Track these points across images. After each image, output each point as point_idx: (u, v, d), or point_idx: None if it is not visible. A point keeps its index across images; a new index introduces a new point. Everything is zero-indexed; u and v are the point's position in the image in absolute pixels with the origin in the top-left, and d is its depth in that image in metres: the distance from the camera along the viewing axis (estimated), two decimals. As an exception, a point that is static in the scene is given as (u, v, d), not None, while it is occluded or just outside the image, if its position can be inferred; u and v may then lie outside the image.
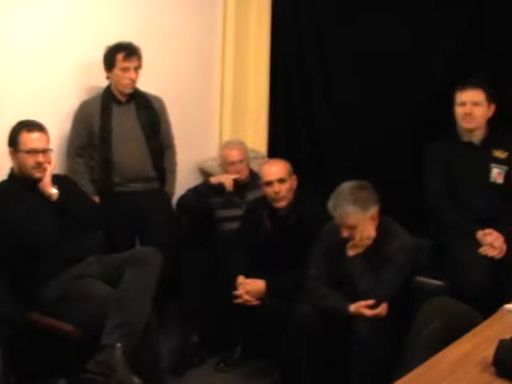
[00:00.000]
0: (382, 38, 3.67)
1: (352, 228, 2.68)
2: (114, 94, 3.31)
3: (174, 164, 3.59)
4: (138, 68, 3.27)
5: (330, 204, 2.71)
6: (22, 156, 2.77)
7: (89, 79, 3.43)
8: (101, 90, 3.34)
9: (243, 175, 3.58)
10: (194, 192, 3.59)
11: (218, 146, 4.02)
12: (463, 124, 3.03)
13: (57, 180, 2.88)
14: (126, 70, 3.23)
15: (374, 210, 2.71)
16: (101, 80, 3.31)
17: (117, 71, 3.24)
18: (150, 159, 3.38)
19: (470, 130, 3.03)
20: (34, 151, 2.77)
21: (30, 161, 2.77)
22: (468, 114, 2.99)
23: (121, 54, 3.21)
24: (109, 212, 3.20)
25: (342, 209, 2.65)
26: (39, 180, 2.81)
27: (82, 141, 3.30)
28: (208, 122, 4.23)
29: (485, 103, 2.99)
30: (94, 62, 3.32)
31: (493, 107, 3.02)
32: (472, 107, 2.99)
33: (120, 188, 3.33)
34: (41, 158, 2.78)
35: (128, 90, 3.30)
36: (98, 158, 3.31)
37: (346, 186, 2.72)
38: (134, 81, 3.28)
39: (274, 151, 4.15)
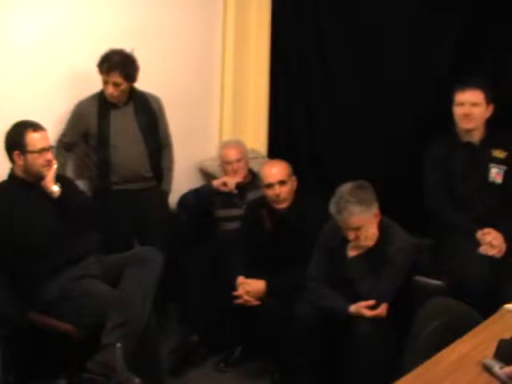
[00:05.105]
0: (382, 37, 3.67)
1: (357, 229, 2.67)
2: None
3: (171, 162, 3.59)
4: (119, 85, 3.19)
5: (333, 209, 2.69)
6: (32, 157, 2.75)
7: (88, 79, 3.40)
8: (98, 91, 3.33)
9: (241, 174, 3.58)
10: (195, 193, 3.60)
11: (218, 146, 4.02)
12: (462, 124, 3.03)
13: (57, 178, 2.87)
14: (105, 82, 3.20)
15: (375, 208, 2.72)
16: (99, 81, 3.27)
17: (102, 79, 3.22)
18: (147, 160, 3.38)
19: (469, 131, 3.04)
20: (44, 150, 2.78)
21: (40, 160, 2.77)
22: (467, 115, 2.99)
23: (104, 65, 3.17)
24: (107, 211, 3.19)
25: (346, 211, 2.64)
26: (42, 178, 2.81)
27: (72, 136, 3.30)
28: (208, 121, 4.23)
29: (483, 104, 2.99)
30: (94, 62, 3.31)
31: (491, 107, 3.02)
32: (471, 108, 2.99)
33: (117, 186, 3.32)
34: (49, 155, 2.80)
35: (110, 100, 3.25)
36: (95, 159, 3.31)
37: (345, 188, 2.71)
38: (112, 96, 3.22)
39: (273, 151, 4.16)
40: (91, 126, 3.26)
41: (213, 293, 3.24)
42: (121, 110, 3.32)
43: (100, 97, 3.29)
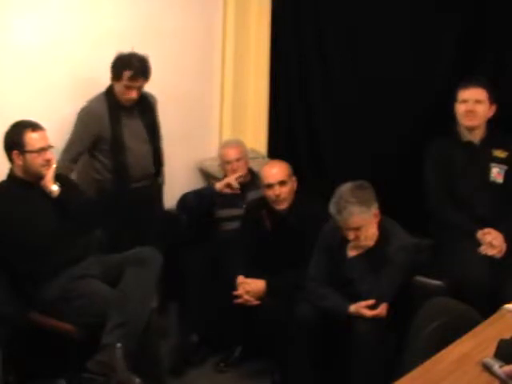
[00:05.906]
0: (382, 37, 3.67)
1: (357, 229, 2.67)
2: (119, 100, 3.26)
3: (163, 156, 3.55)
4: (141, 87, 3.22)
5: (333, 209, 2.69)
6: (31, 156, 2.76)
7: (89, 80, 3.41)
8: (100, 91, 3.31)
9: (241, 173, 3.58)
10: (196, 194, 3.60)
11: (217, 146, 4.02)
12: (464, 121, 3.03)
13: (57, 178, 2.88)
14: (129, 88, 3.17)
15: (375, 208, 2.72)
16: (100, 82, 3.27)
17: (121, 86, 3.18)
18: (151, 157, 3.39)
19: (471, 128, 3.03)
20: (43, 149, 2.78)
21: (39, 160, 2.77)
22: (470, 112, 2.99)
23: (128, 72, 3.13)
24: (123, 211, 3.22)
25: (346, 211, 2.64)
26: (42, 178, 2.81)
27: (82, 145, 3.25)
28: (208, 121, 4.23)
29: (487, 102, 2.99)
30: (94, 63, 3.31)
31: (493, 108, 3.02)
32: (474, 105, 2.98)
33: (132, 185, 3.31)
34: (49, 154, 2.81)
35: (127, 104, 3.26)
36: (106, 162, 3.27)
37: (346, 188, 2.71)
38: (134, 100, 3.23)
39: (273, 151, 4.15)
40: (104, 130, 3.22)
41: (213, 293, 3.24)
42: (129, 111, 3.30)
43: (108, 99, 3.25)
